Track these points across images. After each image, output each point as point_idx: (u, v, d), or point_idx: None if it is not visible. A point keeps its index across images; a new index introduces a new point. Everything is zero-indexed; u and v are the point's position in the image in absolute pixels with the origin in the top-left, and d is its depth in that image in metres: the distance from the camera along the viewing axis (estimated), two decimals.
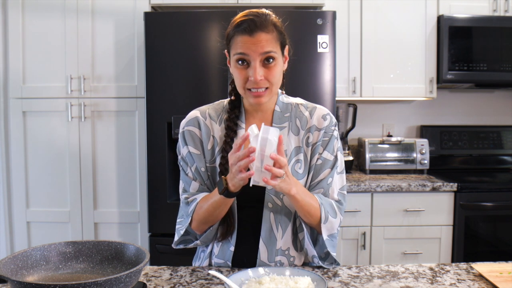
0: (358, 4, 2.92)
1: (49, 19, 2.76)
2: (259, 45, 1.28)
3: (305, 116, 1.43)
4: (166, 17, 2.53)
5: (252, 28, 1.28)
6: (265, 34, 1.29)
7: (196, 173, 1.42)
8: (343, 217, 1.42)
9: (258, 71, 1.29)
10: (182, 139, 1.44)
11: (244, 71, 1.31)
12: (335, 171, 1.42)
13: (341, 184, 1.44)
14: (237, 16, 1.34)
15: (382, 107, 3.36)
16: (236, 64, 1.32)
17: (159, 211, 2.57)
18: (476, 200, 2.71)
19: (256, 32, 1.28)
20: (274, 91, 1.36)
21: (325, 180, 1.41)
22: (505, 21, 2.91)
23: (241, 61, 1.31)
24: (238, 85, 1.35)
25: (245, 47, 1.29)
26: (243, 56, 1.30)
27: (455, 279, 1.29)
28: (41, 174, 2.82)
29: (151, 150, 2.57)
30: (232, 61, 1.35)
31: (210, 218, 1.36)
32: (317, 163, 1.41)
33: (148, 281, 1.27)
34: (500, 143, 3.28)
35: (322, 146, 1.41)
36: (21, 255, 1.12)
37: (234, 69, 1.34)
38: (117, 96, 2.77)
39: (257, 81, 1.29)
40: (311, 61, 2.51)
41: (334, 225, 1.38)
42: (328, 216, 1.36)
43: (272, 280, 1.20)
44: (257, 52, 1.28)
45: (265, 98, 1.34)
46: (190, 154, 1.42)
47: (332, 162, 1.42)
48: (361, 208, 2.70)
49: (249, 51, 1.29)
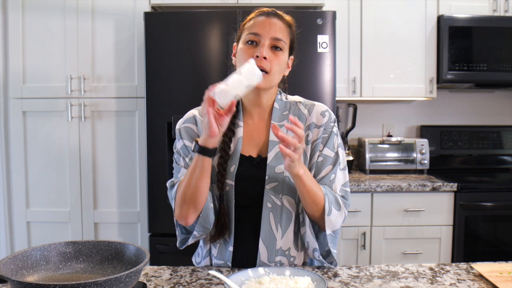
0: (358, 4, 2.92)
1: (49, 19, 2.76)
2: (273, 28, 1.34)
3: (304, 114, 1.43)
4: (166, 17, 2.53)
5: (270, 13, 1.36)
6: (280, 22, 1.36)
7: (189, 162, 1.40)
8: (347, 213, 1.40)
9: (265, 49, 1.32)
10: (178, 135, 1.44)
11: (252, 49, 1.34)
12: (338, 168, 1.41)
13: (343, 180, 1.43)
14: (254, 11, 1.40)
15: (382, 107, 3.36)
16: (245, 43, 1.35)
17: (159, 211, 2.57)
18: (476, 200, 2.71)
19: (273, 17, 1.36)
20: (272, 80, 1.36)
21: (327, 177, 1.39)
22: (505, 21, 2.91)
23: (251, 41, 1.34)
24: (242, 62, 1.33)
25: (259, 27, 1.34)
26: (254, 36, 1.33)
27: (455, 279, 1.29)
28: (41, 174, 2.82)
29: (151, 150, 2.57)
30: (241, 42, 1.37)
31: (188, 191, 1.30)
32: (318, 161, 1.40)
33: (148, 281, 1.27)
34: (500, 143, 3.28)
35: (322, 143, 1.41)
36: (21, 255, 1.12)
37: (242, 46, 1.36)
38: (117, 96, 2.77)
39: (262, 57, 1.31)
40: (311, 61, 2.51)
41: (338, 219, 1.35)
42: (332, 208, 1.33)
43: (272, 280, 1.20)
44: (269, 34, 1.33)
45: (265, 82, 1.33)
46: (185, 147, 1.42)
47: (334, 159, 1.41)
48: (361, 208, 2.70)
49: (262, 31, 1.33)
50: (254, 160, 1.40)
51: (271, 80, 1.35)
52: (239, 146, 1.39)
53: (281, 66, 1.36)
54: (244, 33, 1.37)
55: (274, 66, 1.33)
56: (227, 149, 1.38)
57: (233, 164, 1.38)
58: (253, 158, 1.40)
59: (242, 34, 1.38)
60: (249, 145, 1.42)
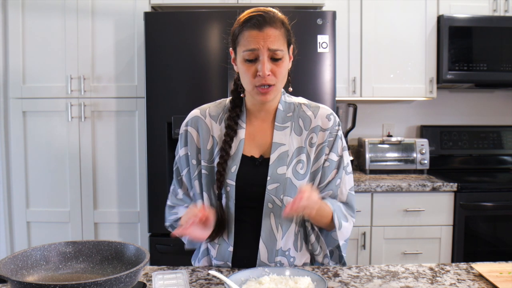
0: (358, 4, 2.92)
1: (49, 19, 2.76)
2: (268, 40, 1.29)
3: (308, 116, 1.42)
4: (166, 17, 2.53)
5: (261, 23, 1.29)
6: (274, 29, 1.30)
7: (186, 178, 1.46)
8: (354, 220, 1.45)
9: (266, 66, 1.29)
10: (181, 140, 1.46)
11: (252, 66, 1.31)
12: (343, 172, 1.42)
13: (350, 184, 1.45)
14: (244, 13, 1.34)
15: (382, 107, 3.36)
16: (244, 61, 1.32)
17: (159, 211, 2.56)
18: (476, 200, 2.71)
19: (265, 27, 1.29)
20: (279, 88, 1.36)
21: (333, 181, 1.41)
22: (505, 21, 2.91)
23: (249, 60, 1.30)
24: (246, 81, 1.34)
25: (254, 42, 1.29)
26: (252, 52, 1.29)
27: (455, 279, 1.29)
28: (41, 174, 2.82)
29: (151, 150, 2.57)
30: (239, 58, 1.34)
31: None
32: (324, 166, 1.41)
33: (148, 281, 1.27)
34: (500, 143, 3.28)
35: (328, 147, 1.41)
36: (21, 255, 1.12)
37: (242, 65, 1.33)
38: (117, 96, 2.77)
39: (265, 76, 1.29)
40: (311, 61, 2.51)
41: (348, 229, 1.42)
42: (342, 222, 1.38)
43: (272, 280, 1.20)
44: (266, 47, 1.29)
45: (271, 96, 1.34)
46: (186, 156, 1.45)
47: (338, 162, 1.42)
48: (361, 208, 2.70)
49: (258, 46, 1.29)
50: (256, 161, 1.40)
51: (276, 91, 1.35)
52: (241, 147, 1.39)
53: (284, 73, 1.35)
54: (239, 47, 1.33)
55: (278, 77, 1.32)
56: (228, 149, 1.38)
57: (235, 164, 1.38)
58: (255, 158, 1.40)
59: (237, 46, 1.34)
60: (251, 145, 1.42)
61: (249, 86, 1.34)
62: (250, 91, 1.35)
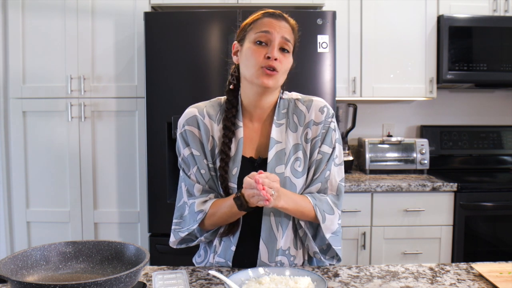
0: (358, 4, 2.92)
1: (49, 19, 2.76)
2: (283, 29, 1.34)
3: (302, 111, 1.42)
4: (166, 17, 2.53)
5: (279, 15, 1.37)
6: (287, 24, 1.37)
7: (198, 175, 1.41)
8: (341, 211, 1.43)
9: (276, 50, 1.33)
10: (182, 140, 1.43)
11: (262, 49, 1.33)
12: (332, 163, 1.41)
13: (340, 176, 1.44)
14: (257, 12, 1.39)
15: (382, 107, 3.36)
16: (254, 43, 1.34)
17: (159, 211, 2.57)
18: (476, 200, 2.71)
19: (282, 20, 1.36)
20: (280, 80, 1.36)
21: (322, 174, 1.41)
22: (505, 21, 2.91)
23: (260, 41, 1.33)
24: (251, 63, 1.33)
25: (270, 26, 1.33)
26: (265, 34, 1.32)
27: (455, 279, 1.29)
28: (41, 174, 2.82)
29: (151, 150, 2.57)
30: (248, 42, 1.36)
31: (223, 223, 1.39)
32: (317, 158, 1.41)
33: (148, 281, 1.27)
34: (500, 143, 3.28)
35: (320, 140, 1.41)
36: (21, 255, 1.12)
37: (250, 47, 1.34)
38: (117, 96, 2.77)
39: (274, 58, 1.31)
40: (311, 61, 2.51)
41: (334, 221, 1.39)
42: (325, 215, 1.36)
43: (272, 280, 1.20)
44: (280, 34, 1.33)
45: (273, 81, 1.33)
46: (192, 155, 1.41)
47: (330, 155, 1.41)
48: (361, 208, 2.70)
49: (273, 30, 1.33)
50: (255, 162, 1.40)
51: (278, 79, 1.35)
52: (240, 147, 1.39)
53: (287, 68, 1.37)
54: (251, 32, 1.35)
55: (282, 67, 1.34)
56: (227, 151, 1.38)
57: (235, 166, 1.38)
58: (254, 159, 1.40)
59: (248, 33, 1.36)
60: (249, 146, 1.42)
61: (254, 68, 1.33)
62: (254, 73, 1.33)
